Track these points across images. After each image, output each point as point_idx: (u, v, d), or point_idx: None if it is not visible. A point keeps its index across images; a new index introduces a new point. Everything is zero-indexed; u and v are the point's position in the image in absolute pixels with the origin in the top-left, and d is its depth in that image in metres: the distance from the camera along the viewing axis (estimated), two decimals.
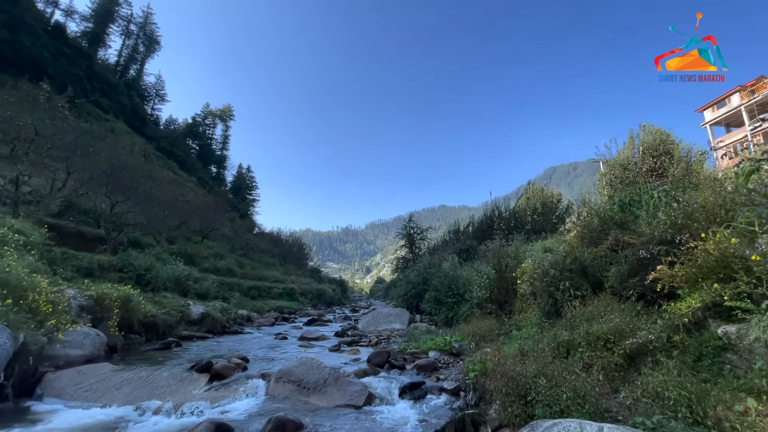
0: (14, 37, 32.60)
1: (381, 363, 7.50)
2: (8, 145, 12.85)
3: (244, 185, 69.52)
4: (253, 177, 71.68)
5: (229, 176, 69.58)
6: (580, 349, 4.73)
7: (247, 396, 5.50)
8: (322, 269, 72.64)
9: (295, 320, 18.73)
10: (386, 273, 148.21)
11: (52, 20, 43.72)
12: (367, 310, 23.75)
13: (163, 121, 62.10)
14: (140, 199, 17.95)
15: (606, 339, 4.57)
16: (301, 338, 11.68)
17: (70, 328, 6.97)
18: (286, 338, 11.80)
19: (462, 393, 5.27)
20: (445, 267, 14.93)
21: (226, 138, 70.93)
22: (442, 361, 7.51)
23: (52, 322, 6.58)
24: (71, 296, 8.04)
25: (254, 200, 70.33)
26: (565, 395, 3.65)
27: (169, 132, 58.99)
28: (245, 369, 6.89)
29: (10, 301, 5.90)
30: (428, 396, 5.56)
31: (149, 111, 58.93)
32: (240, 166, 71.22)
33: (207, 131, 68.21)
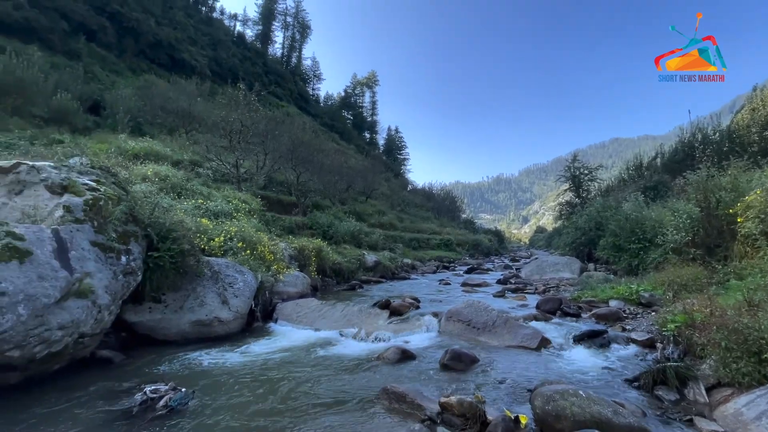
0: (215, 53, 41.64)
1: (552, 309, 7.18)
2: (227, 137, 16.92)
3: (394, 146, 73.88)
4: (401, 137, 75.32)
5: (381, 139, 74.86)
6: None
7: (424, 330, 6.16)
8: (475, 220, 72.30)
9: (455, 268, 19.48)
10: (546, 221, 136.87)
11: (235, 31, 53.70)
12: (528, 260, 22.73)
13: (322, 98, 70.49)
14: (316, 169, 21.32)
15: None
16: (464, 284, 12.12)
17: (286, 272, 9.08)
18: (449, 284, 12.46)
19: (659, 345, 4.59)
20: (626, 208, 12.76)
21: (374, 104, 75.75)
22: (626, 311, 6.68)
23: (275, 267, 8.69)
24: (283, 248, 10.36)
25: (404, 159, 74.22)
26: None
27: (328, 108, 66.76)
28: (418, 308, 7.66)
29: (248, 252, 8.04)
30: (612, 345, 5.08)
31: (310, 91, 67.52)
32: (389, 129, 75.68)
33: (357, 101, 74.17)
